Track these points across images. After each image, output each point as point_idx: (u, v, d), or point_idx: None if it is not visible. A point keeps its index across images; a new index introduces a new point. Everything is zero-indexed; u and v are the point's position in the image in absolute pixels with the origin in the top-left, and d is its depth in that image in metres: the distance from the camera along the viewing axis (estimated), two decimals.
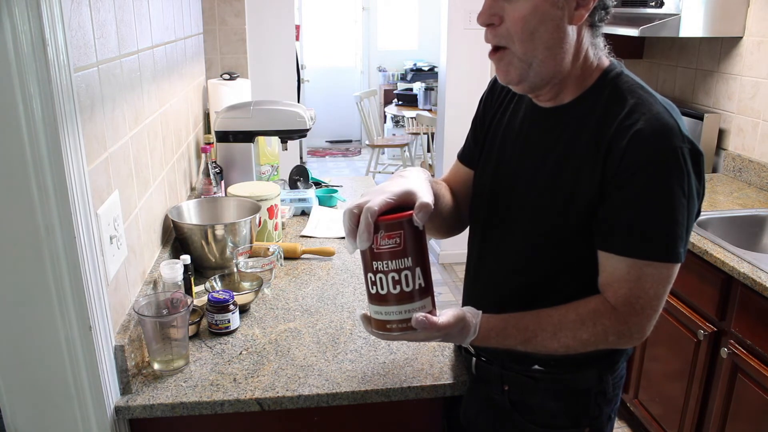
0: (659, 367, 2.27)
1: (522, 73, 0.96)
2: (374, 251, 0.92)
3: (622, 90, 0.97)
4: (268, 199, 1.83)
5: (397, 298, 0.93)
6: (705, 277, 1.96)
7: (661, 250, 0.93)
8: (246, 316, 1.46)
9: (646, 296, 0.95)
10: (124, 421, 1.16)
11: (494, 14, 0.94)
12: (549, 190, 1.01)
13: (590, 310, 0.97)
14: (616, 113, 0.95)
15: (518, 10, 0.92)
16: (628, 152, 0.91)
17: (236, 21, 2.79)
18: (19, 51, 0.90)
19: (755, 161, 2.55)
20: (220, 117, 2.15)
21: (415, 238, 0.92)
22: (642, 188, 0.91)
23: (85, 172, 1.04)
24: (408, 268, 0.92)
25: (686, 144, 0.91)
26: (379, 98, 7.22)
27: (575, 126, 0.99)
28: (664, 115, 0.92)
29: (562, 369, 1.08)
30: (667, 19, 2.56)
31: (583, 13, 0.93)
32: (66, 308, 1.03)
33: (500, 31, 0.94)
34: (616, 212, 0.94)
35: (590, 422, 1.11)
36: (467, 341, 1.00)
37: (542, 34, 0.93)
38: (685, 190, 0.91)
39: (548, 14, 0.92)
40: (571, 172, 0.98)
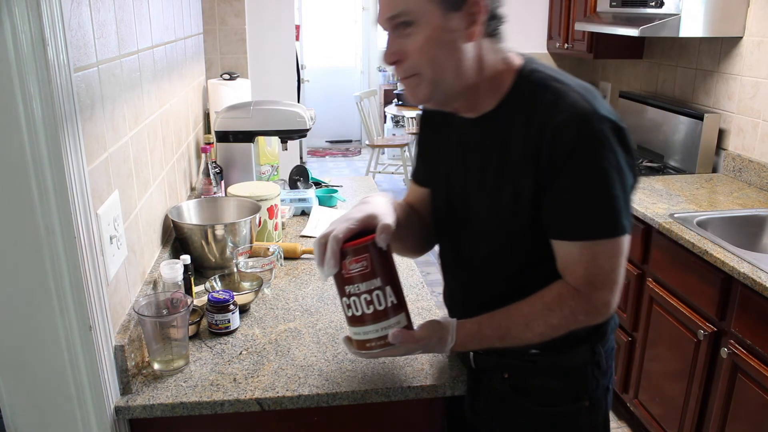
0: (659, 367, 2.27)
1: (430, 94, 1.02)
2: (344, 276, 0.98)
3: (537, 87, 1.02)
4: (268, 199, 1.83)
5: (372, 317, 0.99)
6: (705, 277, 1.96)
7: (605, 228, 0.98)
8: (246, 316, 1.46)
9: (603, 272, 1.00)
10: (124, 421, 1.16)
11: (396, 52, 1.00)
12: (495, 195, 1.06)
13: (555, 296, 1.02)
14: (536, 111, 0.99)
15: (416, 42, 0.97)
16: (553, 145, 0.96)
17: (236, 21, 2.79)
18: (19, 51, 0.90)
19: (755, 161, 2.55)
20: (220, 117, 2.15)
21: (381, 258, 0.98)
22: (574, 175, 0.96)
23: (85, 172, 1.04)
24: (378, 287, 0.98)
25: (606, 123, 0.95)
26: (379, 98, 7.21)
27: (503, 130, 1.04)
28: (580, 102, 0.96)
29: (556, 348, 1.12)
30: (667, 19, 2.56)
31: (476, 30, 0.98)
32: (66, 308, 1.03)
33: (406, 66, 1.00)
34: (556, 203, 0.99)
35: (589, 395, 1.16)
36: (447, 349, 1.06)
37: (442, 57, 0.98)
38: (614, 166, 0.95)
39: (443, 40, 0.97)
40: (509, 175, 1.03)
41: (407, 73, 1.01)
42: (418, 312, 1.46)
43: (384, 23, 1.00)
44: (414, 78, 1.01)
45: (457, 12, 0.96)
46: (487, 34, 1.01)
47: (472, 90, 1.03)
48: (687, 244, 2.01)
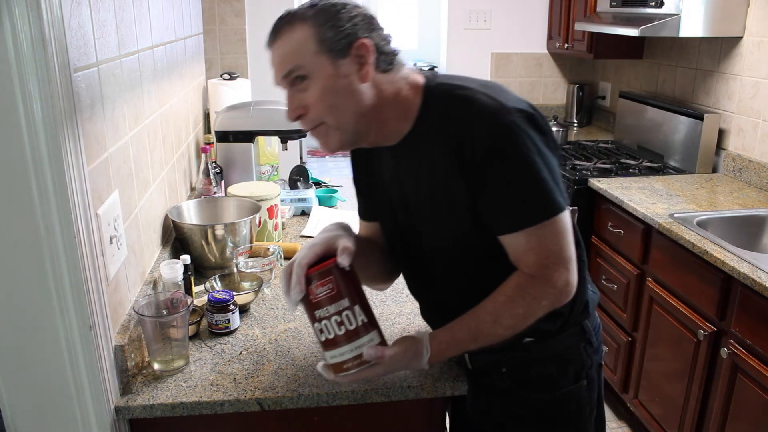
0: (659, 367, 2.27)
1: (341, 140, 1.05)
2: (313, 301, 1.01)
3: (444, 99, 1.05)
4: (268, 199, 1.83)
5: (344, 337, 1.01)
6: (705, 277, 1.96)
7: (542, 211, 1.00)
8: (246, 316, 1.46)
9: (553, 253, 1.02)
10: (124, 421, 1.16)
11: (298, 107, 1.03)
12: (435, 211, 1.09)
13: (514, 287, 1.04)
14: (450, 122, 1.02)
15: (312, 97, 1.01)
16: (473, 150, 0.99)
17: (236, 21, 2.79)
18: (19, 51, 0.90)
19: (755, 161, 2.55)
20: (220, 117, 2.15)
21: (346, 279, 1.01)
22: (499, 171, 0.99)
23: (85, 172, 1.04)
24: (347, 308, 1.01)
25: (515, 113, 0.99)
26: None
27: (424, 149, 1.06)
28: (486, 101, 1.00)
29: (548, 333, 1.15)
30: (667, 19, 2.56)
31: (369, 70, 1.01)
32: (66, 308, 1.03)
33: (309, 118, 1.03)
34: (491, 201, 1.02)
35: (586, 374, 1.19)
36: (424, 362, 1.07)
37: (341, 103, 1.01)
38: (534, 151, 0.98)
39: (338, 86, 1.00)
40: (441, 189, 1.06)
41: (312, 125, 1.04)
42: (412, 315, 1.46)
43: (281, 82, 1.04)
44: (321, 128, 1.04)
45: (345, 58, 1.00)
46: (381, 71, 1.03)
47: (379, 123, 1.06)
48: (687, 244, 2.01)
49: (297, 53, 1.00)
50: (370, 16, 1.03)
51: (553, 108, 3.92)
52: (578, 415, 1.21)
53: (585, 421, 1.22)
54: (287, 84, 1.03)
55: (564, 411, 1.20)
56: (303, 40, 0.99)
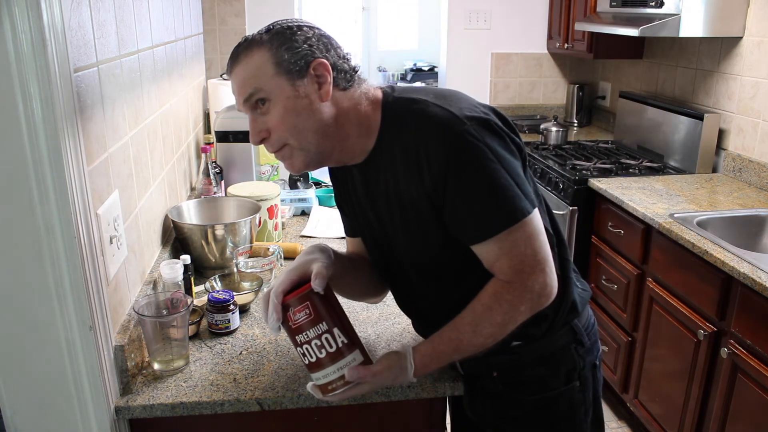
0: (659, 367, 2.27)
1: (305, 160, 1.06)
2: (292, 327, 1.02)
3: (401, 113, 1.04)
4: (268, 199, 1.83)
5: (327, 360, 1.02)
6: (705, 277, 1.96)
7: (508, 217, 0.99)
8: (246, 316, 1.46)
9: (527, 257, 1.01)
10: (124, 421, 1.16)
11: (260, 131, 1.03)
12: (404, 225, 1.09)
13: (490, 295, 1.03)
14: (406, 136, 1.02)
15: (274, 119, 1.01)
16: (429, 164, 0.99)
17: (236, 21, 2.79)
18: (19, 51, 0.90)
19: (755, 161, 2.55)
20: (220, 117, 2.15)
21: (323, 303, 1.02)
22: (458, 183, 0.98)
23: (85, 172, 1.04)
24: (326, 331, 1.01)
25: (467, 122, 0.98)
26: None
27: (386, 164, 1.06)
28: (438, 113, 0.99)
29: (538, 335, 1.14)
30: (667, 19, 2.56)
31: (327, 89, 1.02)
32: (66, 308, 1.03)
33: (272, 140, 1.04)
34: (455, 213, 1.01)
35: (579, 375, 1.18)
36: (410, 376, 1.06)
37: (303, 123, 1.01)
38: (492, 158, 0.97)
39: (297, 107, 1.01)
40: (407, 203, 1.06)
41: (276, 147, 1.05)
42: None
43: (242, 107, 1.04)
44: (285, 149, 1.05)
45: (303, 78, 1.00)
46: (341, 88, 1.04)
47: (342, 140, 1.06)
48: (687, 244, 2.01)
49: (255, 77, 1.00)
50: (326, 36, 1.06)
51: (553, 108, 3.92)
52: (572, 416, 1.20)
53: (580, 422, 1.21)
54: (248, 108, 1.03)
55: (557, 412, 1.19)
56: (261, 64, 1.00)
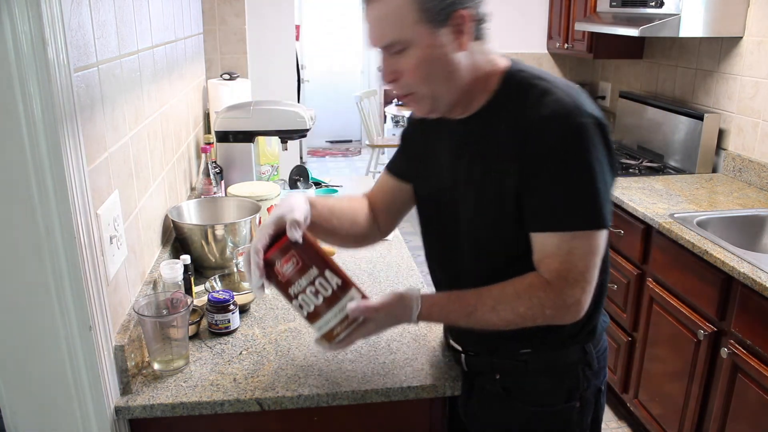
0: (659, 367, 2.27)
1: (431, 107, 1.05)
2: (282, 281, 1.01)
3: (524, 85, 1.04)
4: (268, 199, 1.83)
5: (325, 305, 1.01)
6: (705, 277, 1.96)
7: (585, 219, 0.98)
8: (246, 316, 1.46)
9: (576, 269, 0.99)
10: (124, 421, 1.16)
11: (392, 71, 1.02)
12: (480, 192, 1.07)
13: (526, 285, 1.02)
14: (522, 107, 1.01)
15: (410, 63, 1.00)
16: (538, 138, 0.98)
17: (236, 21, 2.79)
18: (19, 51, 0.90)
19: (755, 161, 2.55)
20: (220, 117, 2.15)
21: (307, 249, 1.01)
22: (556, 167, 0.97)
23: (85, 172, 1.04)
24: (318, 276, 1.00)
25: (589, 118, 0.97)
26: (379, 98, 7.20)
27: (489, 128, 1.05)
28: (564, 98, 0.99)
29: (547, 348, 1.13)
30: (667, 19, 2.56)
31: (466, 39, 1.00)
32: (66, 308, 1.03)
33: (402, 83, 1.03)
34: (537, 194, 1.00)
35: (580, 396, 1.16)
36: (414, 316, 1.05)
37: (437, 72, 1.01)
38: (597, 160, 0.97)
39: (435, 55, 0.99)
40: (495, 169, 1.04)
41: (404, 91, 1.04)
42: None
43: (373, 47, 1.03)
44: (413, 96, 1.04)
45: (444, 27, 0.98)
46: (475, 37, 1.02)
47: (466, 93, 1.05)
48: (687, 244, 2.01)
49: (396, 25, 0.97)
50: None
51: None
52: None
53: None
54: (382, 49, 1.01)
55: (550, 429, 1.17)
56: (404, 7, 0.97)
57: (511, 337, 1.08)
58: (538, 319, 1.02)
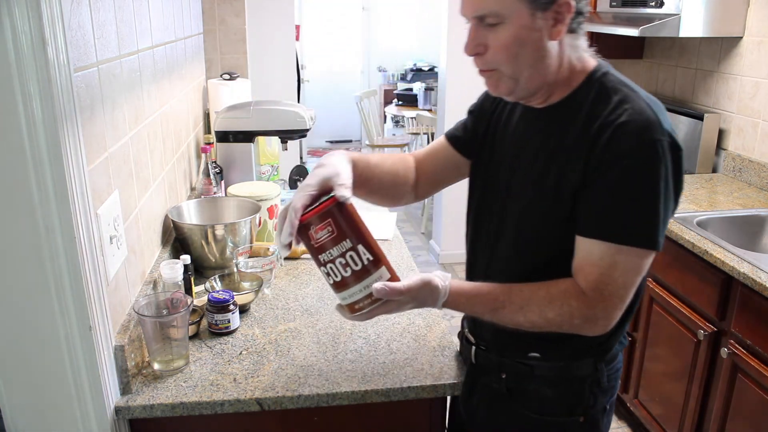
0: (659, 367, 2.27)
1: (510, 89, 1.03)
2: (315, 246, 0.98)
3: (607, 88, 1.02)
4: (268, 199, 1.83)
5: (352, 278, 0.98)
6: (705, 277, 1.96)
7: (637, 236, 0.95)
8: (246, 316, 1.46)
9: (615, 284, 0.97)
10: (124, 421, 1.16)
11: (479, 44, 0.99)
12: (538, 183, 1.05)
13: (560, 290, 1.00)
14: (601, 109, 0.99)
15: (500, 39, 0.97)
16: (611, 143, 0.95)
17: (236, 21, 2.79)
18: (19, 51, 0.90)
19: (755, 161, 2.55)
20: (220, 117, 2.15)
21: (345, 219, 0.97)
22: (622, 176, 0.95)
23: (85, 172, 1.04)
24: (350, 248, 0.97)
25: (666, 137, 0.94)
26: (379, 98, 7.21)
27: (564, 123, 1.04)
28: (647, 110, 0.96)
29: (557, 356, 1.11)
30: (667, 19, 2.56)
31: (561, 29, 0.98)
32: (66, 308, 1.03)
33: (487, 58, 1.00)
34: (595, 199, 0.98)
35: (584, 411, 1.13)
36: (439, 304, 1.03)
37: (525, 55, 0.98)
38: (663, 181, 0.94)
39: (528, 37, 0.97)
40: (558, 166, 1.02)
41: (487, 67, 1.01)
42: (411, 313, 1.46)
43: (466, 15, 1.00)
44: (494, 73, 1.01)
45: (545, 12, 0.96)
46: (570, 30, 1.00)
47: (548, 84, 1.03)
48: (687, 244, 2.01)
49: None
50: None
51: None
52: None
53: None
54: (475, 20, 0.98)
55: None
56: None
57: (523, 338, 1.07)
58: (564, 326, 1.00)
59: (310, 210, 0.97)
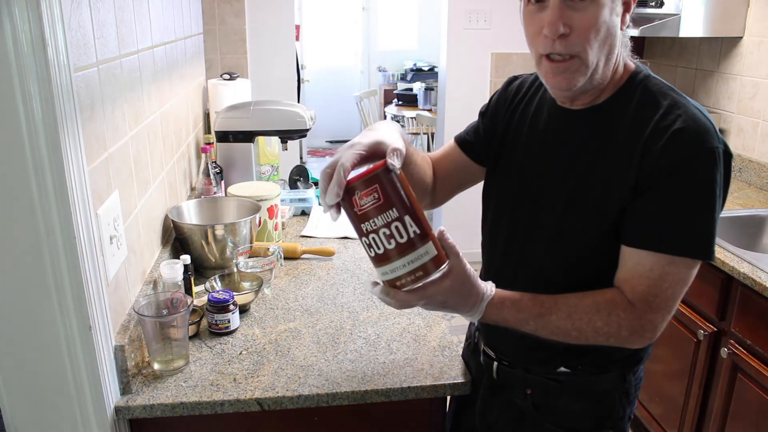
0: (659, 367, 2.27)
1: (581, 80, 0.95)
2: (358, 213, 0.89)
3: (653, 92, 0.98)
4: (268, 199, 1.83)
5: (396, 252, 0.89)
6: (705, 277, 1.96)
7: (690, 246, 0.92)
8: (246, 316, 1.46)
9: (663, 295, 0.94)
10: (124, 421, 1.16)
11: (566, 24, 0.92)
12: (581, 190, 1.00)
13: (608, 299, 0.96)
14: (650, 114, 0.95)
15: (588, 19, 0.91)
16: (666, 151, 0.91)
17: (236, 21, 2.79)
18: (19, 51, 0.90)
19: (755, 161, 2.55)
20: (220, 117, 2.15)
21: (393, 187, 0.89)
22: (678, 185, 0.91)
23: (85, 172, 1.04)
24: (396, 218, 0.88)
25: (721, 144, 0.92)
26: (379, 98, 7.22)
27: (607, 127, 0.99)
28: (700, 117, 0.93)
29: (586, 370, 1.08)
30: (667, 19, 2.56)
31: (627, 19, 0.95)
32: (66, 308, 1.03)
33: (571, 41, 0.92)
34: (649, 209, 0.93)
35: (613, 423, 1.11)
36: (483, 304, 0.96)
37: (607, 40, 0.93)
38: (718, 190, 0.92)
39: (611, 21, 0.93)
40: (604, 173, 0.98)
41: (569, 51, 0.93)
42: (412, 314, 1.46)
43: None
44: (573, 61, 0.94)
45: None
46: (625, 25, 0.97)
47: (606, 81, 0.99)
48: None
49: None
50: None
51: None
52: None
53: None
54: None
55: None
56: None
57: (551, 351, 1.04)
58: (612, 338, 0.96)
59: (355, 174, 0.89)
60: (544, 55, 0.96)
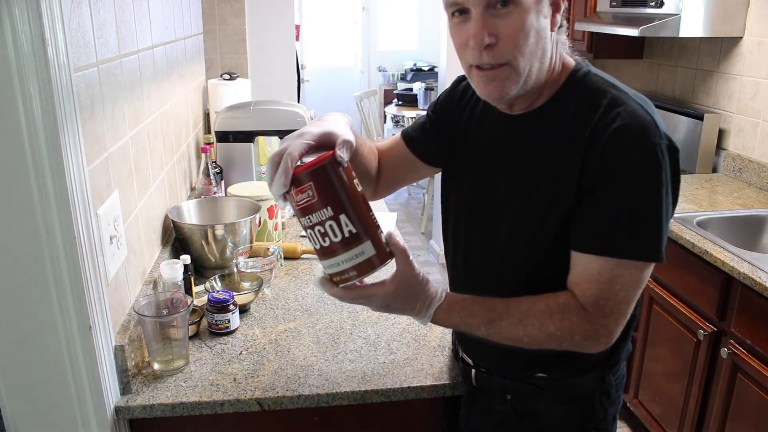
0: (659, 367, 2.27)
1: (515, 88, 0.93)
2: (296, 207, 0.89)
3: (593, 89, 0.95)
4: (268, 199, 1.83)
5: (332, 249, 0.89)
6: (705, 277, 1.96)
7: (639, 248, 0.90)
8: (246, 316, 1.46)
9: (615, 299, 0.92)
10: (124, 421, 1.16)
11: (491, 34, 0.89)
12: (528, 194, 0.99)
13: (561, 304, 0.94)
14: (590, 113, 0.93)
15: (513, 25, 0.89)
16: (607, 151, 0.89)
17: (236, 21, 2.79)
18: (19, 51, 0.90)
19: (755, 161, 2.55)
20: (220, 117, 2.15)
21: (333, 183, 0.87)
22: (621, 186, 0.89)
23: (85, 172, 1.04)
24: (331, 217, 0.87)
25: (664, 140, 0.89)
26: (379, 98, 7.21)
27: (549, 129, 0.97)
28: (641, 112, 0.90)
29: (565, 373, 1.07)
30: (667, 19, 2.56)
31: (558, 19, 0.93)
32: (66, 308, 1.03)
33: (499, 51, 0.90)
34: (593, 212, 0.91)
35: (596, 425, 1.10)
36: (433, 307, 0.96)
37: (535, 45, 0.91)
38: (664, 188, 0.89)
39: (538, 24, 0.90)
40: (549, 176, 0.96)
41: (498, 61, 0.90)
42: None
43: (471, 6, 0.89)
44: (504, 69, 0.91)
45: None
46: (557, 25, 0.95)
47: (541, 85, 0.96)
48: (687, 244, 2.01)
49: None
50: None
51: None
52: None
53: None
54: (482, 4, 0.88)
55: None
56: None
57: (526, 358, 1.03)
58: (565, 343, 0.94)
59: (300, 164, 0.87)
60: (473, 65, 0.93)
